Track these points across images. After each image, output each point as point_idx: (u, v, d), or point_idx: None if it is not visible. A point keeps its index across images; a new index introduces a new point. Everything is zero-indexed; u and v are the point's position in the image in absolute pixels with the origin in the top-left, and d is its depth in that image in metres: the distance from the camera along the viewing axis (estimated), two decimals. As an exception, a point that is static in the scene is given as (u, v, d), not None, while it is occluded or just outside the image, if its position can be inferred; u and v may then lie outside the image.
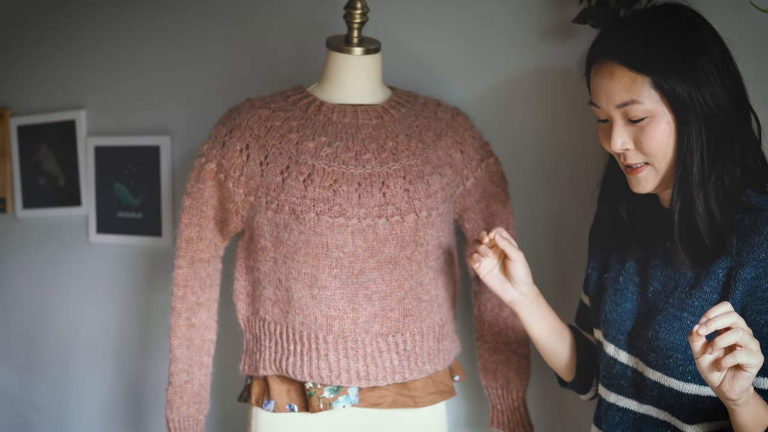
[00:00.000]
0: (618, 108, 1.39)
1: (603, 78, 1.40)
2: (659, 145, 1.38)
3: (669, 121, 1.37)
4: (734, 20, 1.64)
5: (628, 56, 1.37)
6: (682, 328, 1.39)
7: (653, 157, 1.40)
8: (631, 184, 1.45)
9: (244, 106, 1.77)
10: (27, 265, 2.63)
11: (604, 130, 1.46)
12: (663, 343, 1.40)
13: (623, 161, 1.44)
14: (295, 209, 1.67)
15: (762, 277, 1.33)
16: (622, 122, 1.41)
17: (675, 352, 1.39)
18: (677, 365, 1.39)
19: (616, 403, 1.50)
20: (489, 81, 1.94)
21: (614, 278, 1.54)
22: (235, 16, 2.21)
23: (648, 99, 1.37)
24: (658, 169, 1.41)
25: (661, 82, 1.35)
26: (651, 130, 1.38)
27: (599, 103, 1.43)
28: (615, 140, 1.41)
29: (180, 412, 1.81)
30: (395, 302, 1.70)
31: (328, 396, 1.71)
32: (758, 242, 1.34)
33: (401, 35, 1.98)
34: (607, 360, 1.52)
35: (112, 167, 2.41)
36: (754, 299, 1.34)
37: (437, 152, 1.75)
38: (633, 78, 1.37)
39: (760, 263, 1.33)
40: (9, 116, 2.59)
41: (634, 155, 1.41)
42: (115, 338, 2.47)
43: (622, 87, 1.38)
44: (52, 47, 2.52)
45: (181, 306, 1.80)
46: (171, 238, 2.33)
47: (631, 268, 1.52)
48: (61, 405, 2.60)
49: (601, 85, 1.41)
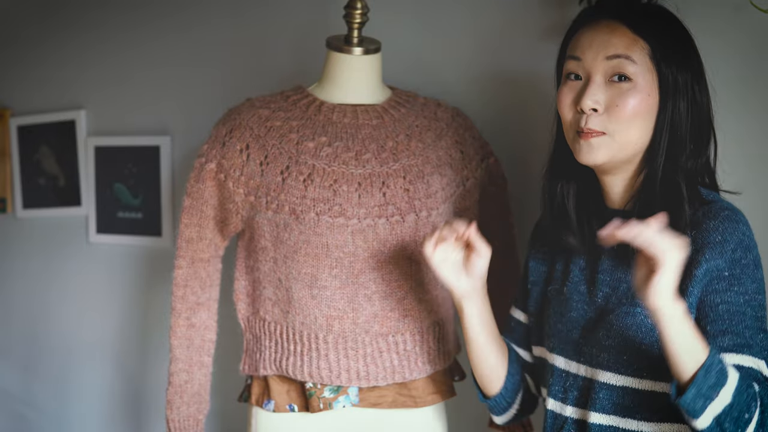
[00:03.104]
0: (607, 59, 1.34)
1: (599, 31, 1.36)
2: (633, 114, 1.34)
3: (652, 95, 1.34)
4: (734, 20, 1.64)
5: (631, 18, 1.35)
6: (636, 324, 1.36)
7: (618, 127, 1.34)
8: (581, 152, 1.38)
9: (244, 106, 1.77)
10: (27, 265, 2.63)
11: (570, 89, 1.39)
12: (615, 341, 1.37)
13: (581, 124, 1.36)
14: (295, 209, 1.67)
15: (718, 258, 1.31)
16: (602, 79, 1.35)
17: (628, 348, 1.36)
18: (631, 362, 1.36)
19: (572, 416, 1.46)
20: (489, 81, 1.94)
21: (558, 290, 1.50)
22: (235, 16, 2.21)
23: (642, 64, 1.34)
24: (616, 140, 1.35)
25: (659, 56, 1.34)
26: (631, 96, 1.34)
27: (584, 54, 1.37)
28: (589, 97, 1.34)
29: (180, 412, 1.81)
30: (395, 302, 1.70)
31: (328, 396, 1.71)
32: (713, 226, 1.32)
33: (401, 35, 1.98)
34: (559, 373, 1.48)
35: (112, 167, 2.41)
36: (711, 280, 1.32)
37: (437, 152, 1.75)
38: (634, 39, 1.34)
39: (717, 245, 1.31)
40: (9, 116, 2.60)
41: (596, 120, 1.35)
42: (115, 338, 2.47)
43: (621, 42, 1.34)
44: (53, 47, 2.52)
45: (181, 306, 1.80)
46: (171, 238, 2.34)
47: (576, 277, 1.47)
48: (61, 405, 2.60)
49: (595, 36, 1.36)
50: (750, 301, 1.32)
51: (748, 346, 1.30)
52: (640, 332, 1.36)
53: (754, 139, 1.66)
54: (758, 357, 1.30)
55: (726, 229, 1.33)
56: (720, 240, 1.32)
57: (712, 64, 1.67)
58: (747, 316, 1.31)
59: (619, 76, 1.35)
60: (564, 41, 1.46)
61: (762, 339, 1.31)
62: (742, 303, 1.31)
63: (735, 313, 1.31)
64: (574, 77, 1.39)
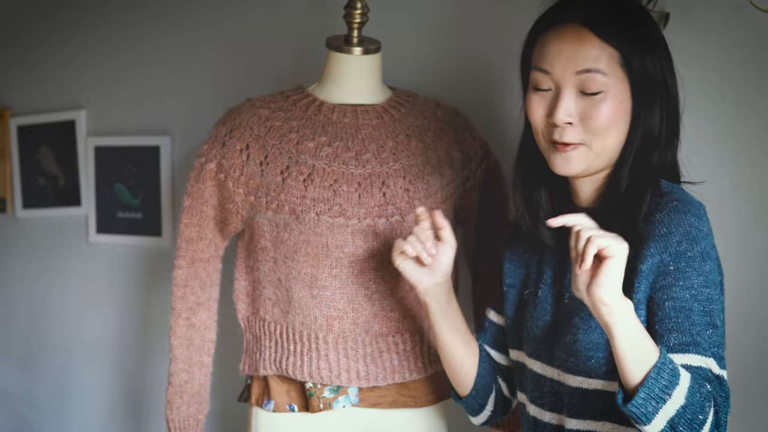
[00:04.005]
0: (577, 74, 1.29)
1: (565, 42, 1.31)
2: (608, 124, 1.30)
3: (625, 101, 1.30)
4: (734, 20, 1.64)
5: (597, 23, 1.29)
6: (600, 326, 1.29)
7: (594, 137, 1.31)
8: (556, 163, 1.34)
9: (244, 106, 1.77)
10: (27, 265, 2.63)
11: (541, 99, 1.34)
12: (582, 344, 1.34)
13: (555, 136, 1.33)
14: (295, 209, 1.67)
15: (662, 251, 1.27)
16: (573, 92, 1.31)
17: (596, 351, 1.33)
18: (600, 365, 1.33)
19: (550, 422, 1.43)
20: (489, 81, 1.94)
21: (533, 293, 1.47)
22: (235, 16, 2.22)
23: (612, 73, 1.29)
24: (594, 150, 1.32)
25: (628, 57, 1.29)
26: (605, 107, 1.29)
27: (551, 67, 1.31)
28: (561, 110, 1.30)
29: (180, 412, 1.81)
30: (395, 302, 1.70)
31: (328, 396, 1.71)
32: (659, 218, 1.28)
33: (401, 35, 1.98)
34: (536, 378, 1.45)
35: (112, 167, 2.41)
36: (658, 275, 1.28)
37: (437, 152, 1.75)
38: (602, 48, 1.29)
39: (661, 238, 1.27)
40: (9, 116, 2.60)
41: (571, 131, 1.31)
42: (115, 338, 2.47)
43: (589, 54, 1.29)
44: (53, 47, 2.52)
45: (181, 306, 1.80)
46: (171, 238, 2.34)
47: (549, 279, 1.45)
48: (61, 405, 2.60)
49: (560, 49, 1.31)
50: (697, 295, 1.26)
51: (695, 344, 1.25)
52: (605, 336, 1.31)
53: (755, 138, 1.66)
54: (706, 355, 1.25)
55: (672, 220, 1.28)
56: (665, 232, 1.28)
57: (712, 64, 1.68)
58: (693, 312, 1.26)
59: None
60: (527, 43, 1.40)
61: (711, 335, 1.26)
62: (688, 298, 1.26)
63: (681, 310, 1.26)
64: (542, 89, 1.35)
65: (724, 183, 1.67)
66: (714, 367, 1.25)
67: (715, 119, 1.69)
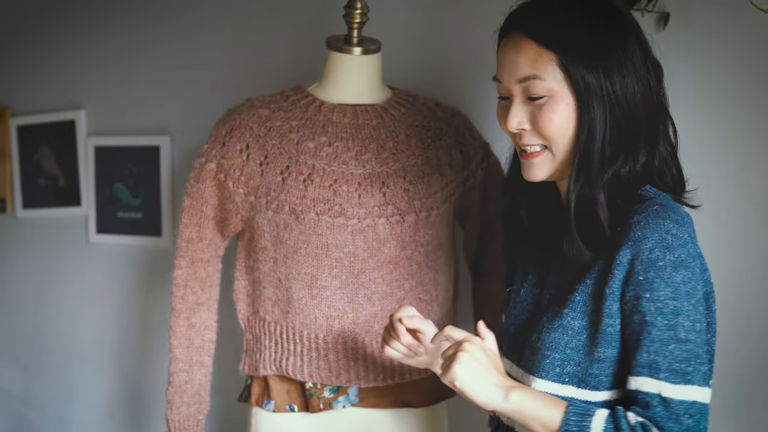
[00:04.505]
0: (519, 83, 1.32)
1: (509, 51, 1.34)
2: (556, 127, 1.31)
3: (569, 103, 1.30)
4: (734, 20, 1.64)
5: (535, 30, 1.31)
6: (562, 326, 1.31)
7: (550, 141, 1.32)
8: (524, 170, 1.37)
9: (243, 106, 1.77)
10: (27, 265, 2.63)
11: (503, 108, 1.38)
12: (543, 343, 1.33)
13: (518, 141, 1.36)
14: (295, 209, 1.67)
15: (636, 258, 1.25)
16: (520, 99, 1.34)
17: (553, 351, 1.32)
18: (554, 366, 1.32)
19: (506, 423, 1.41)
20: (488, 81, 1.94)
21: (516, 291, 1.47)
22: (235, 16, 2.21)
23: (551, 77, 1.30)
24: (556, 155, 1.33)
25: (566, 61, 1.29)
26: (549, 110, 1.30)
27: (502, 77, 1.35)
28: (512, 118, 1.33)
29: (180, 412, 1.81)
30: (395, 302, 1.70)
31: (328, 396, 1.72)
32: (636, 221, 1.25)
33: (401, 35, 1.98)
34: None
35: (112, 167, 2.41)
36: (628, 284, 1.26)
37: (437, 152, 1.75)
38: (538, 53, 1.30)
39: (635, 242, 1.25)
40: (9, 116, 2.60)
41: (530, 136, 1.34)
42: (115, 338, 2.47)
43: (526, 61, 1.31)
44: (53, 48, 2.52)
45: (181, 306, 1.80)
46: (171, 238, 2.34)
47: (533, 279, 1.45)
48: (61, 405, 2.60)
49: (506, 59, 1.34)
50: (662, 308, 1.24)
51: (649, 366, 1.24)
52: (565, 335, 1.31)
53: (757, 138, 1.66)
54: (658, 377, 1.24)
55: (648, 224, 1.25)
56: (639, 236, 1.25)
57: (713, 64, 1.68)
58: (655, 327, 1.24)
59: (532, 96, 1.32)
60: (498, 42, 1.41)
61: (673, 350, 1.24)
62: (653, 312, 1.24)
63: (644, 324, 1.25)
64: (503, 98, 1.38)
65: (725, 182, 1.67)
66: (664, 389, 1.24)
67: (717, 118, 1.69)
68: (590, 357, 1.29)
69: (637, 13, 1.66)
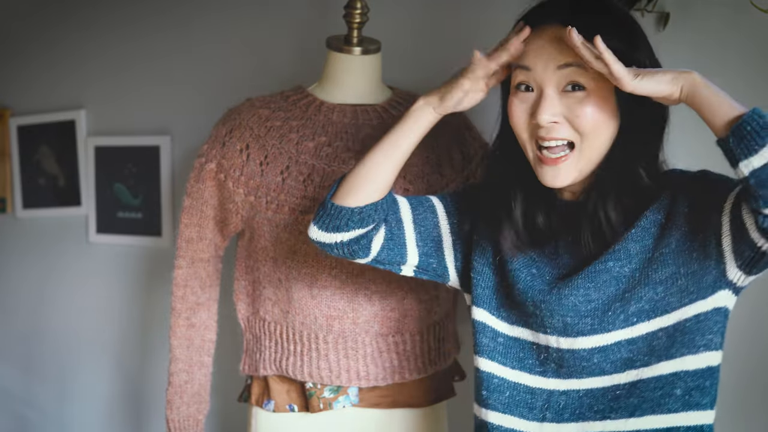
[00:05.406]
0: (559, 69, 1.27)
1: (548, 39, 1.29)
2: (595, 122, 1.28)
3: (608, 98, 1.28)
4: (734, 20, 1.64)
5: (580, 21, 1.25)
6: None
7: (584, 136, 1.29)
8: (545, 177, 1.32)
9: (243, 106, 1.77)
10: (27, 265, 2.64)
11: (523, 101, 1.32)
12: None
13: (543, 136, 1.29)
14: (295, 209, 1.67)
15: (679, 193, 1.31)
16: (555, 90, 1.29)
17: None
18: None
19: None
20: (489, 81, 1.94)
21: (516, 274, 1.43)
22: (235, 16, 2.22)
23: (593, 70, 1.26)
24: (583, 152, 1.30)
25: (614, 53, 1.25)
26: (588, 105, 1.27)
27: (535, 63, 1.29)
28: (546, 109, 1.27)
29: (180, 412, 1.81)
30: (395, 302, 1.70)
31: (328, 396, 1.71)
32: (669, 178, 1.33)
33: (401, 35, 1.98)
34: None
35: (112, 167, 2.41)
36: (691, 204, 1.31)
37: (437, 152, 1.75)
38: (583, 43, 1.24)
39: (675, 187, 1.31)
40: (9, 116, 2.60)
41: (560, 130, 1.28)
42: (115, 338, 2.47)
43: (570, 49, 1.25)
44: (53, 47, 2.52)
45: (181, 306, 1.80)
46: (171, 238, 2.34)
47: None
48: (61, 405, 2.60)
49: (543, 47, 1.29)
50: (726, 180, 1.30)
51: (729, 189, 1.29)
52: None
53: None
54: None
55: (683, 173, 1.34)
56: (678, 183, 1.32)
57: (713, 63, 1.68)
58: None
59: (573, 86, 1.28)
60: None
61: None
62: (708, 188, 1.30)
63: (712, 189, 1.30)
64: (525, 88, 1.32)
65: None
66: None
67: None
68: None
69: (637, 13, 1.67)
